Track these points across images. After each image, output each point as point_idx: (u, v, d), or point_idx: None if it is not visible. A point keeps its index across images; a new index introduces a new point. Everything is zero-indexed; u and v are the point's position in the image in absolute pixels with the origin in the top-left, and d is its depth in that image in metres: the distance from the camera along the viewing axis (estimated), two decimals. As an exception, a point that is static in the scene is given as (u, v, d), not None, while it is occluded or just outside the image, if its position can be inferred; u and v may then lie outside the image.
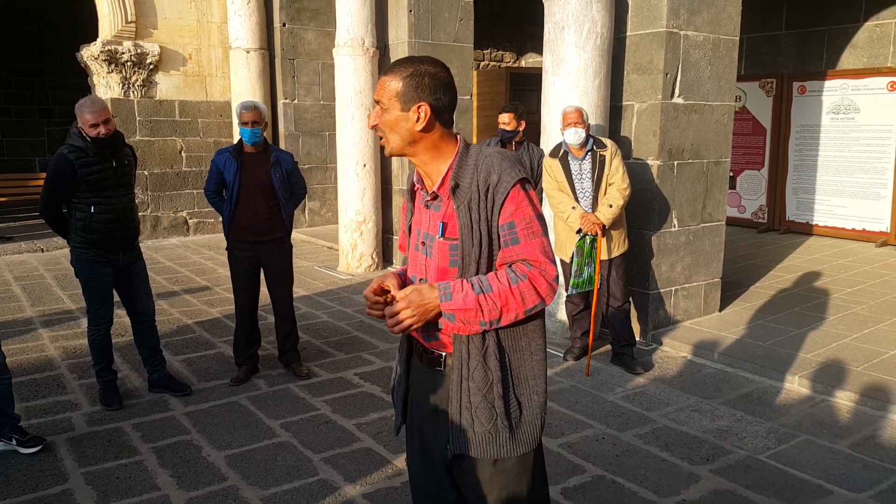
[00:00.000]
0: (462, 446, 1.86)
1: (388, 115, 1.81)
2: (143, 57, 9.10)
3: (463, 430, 1.85)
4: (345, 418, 4.02)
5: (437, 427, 1.94)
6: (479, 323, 1.76)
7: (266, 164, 4.44)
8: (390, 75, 1.81)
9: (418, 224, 1.95)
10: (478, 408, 1.83)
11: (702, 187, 5.49)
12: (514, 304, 1.76)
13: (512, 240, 1.78)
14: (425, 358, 1.95)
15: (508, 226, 1.78)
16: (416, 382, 2.02)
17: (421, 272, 1.92)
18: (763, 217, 9.81)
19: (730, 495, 3.20)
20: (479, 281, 1.77)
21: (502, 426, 1.84)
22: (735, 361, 4.79)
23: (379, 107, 1.83)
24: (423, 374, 1.99)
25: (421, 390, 2.00)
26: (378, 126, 1.84)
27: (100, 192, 3.96)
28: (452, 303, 1.74)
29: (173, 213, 9.78)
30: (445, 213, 1.84)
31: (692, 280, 5.58)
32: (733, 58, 5.47)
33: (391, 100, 1.80)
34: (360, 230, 7.66)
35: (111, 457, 3.58)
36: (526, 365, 1.87)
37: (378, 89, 1.83)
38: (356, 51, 7.39)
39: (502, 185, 1.77)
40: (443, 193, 1.84)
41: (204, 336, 5.51)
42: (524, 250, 1.78)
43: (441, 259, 1.85)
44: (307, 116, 9.98)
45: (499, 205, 1.77)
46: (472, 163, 1.82)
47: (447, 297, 1.75)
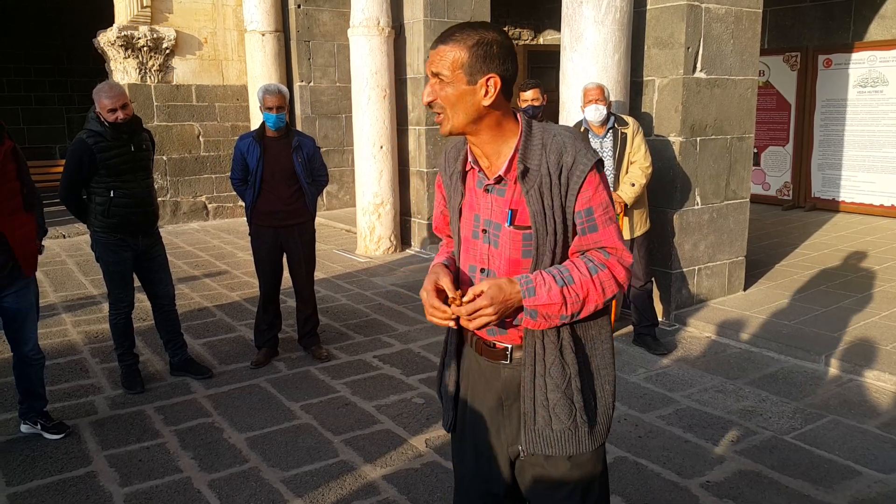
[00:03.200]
0: (538, 446, 1.74)
1: (451, 88, 1.62)
2: (159, 42, 9.09)
3: (538, 428, 1.73)
4: (364, 400, 4.02)
5: (499, 422, 1.82)
6: (560, 317, 1.64)
7: (288, 148, 4.41)
8: (451, 44, 1.61)
9: (474, 209, 1.77)
10: (556, 405, 1.71)
11: (725, 164, 5.38)
12: (595, 296, 1.65)
13: (590, 227, 1.67)
14: (486, 351, 1.81)
15: (586, 212, 1.66)
16: (472, 376, 1.87)
17: (482, 261, 1.76)
18: (788, 194, 9.64)
19: (755, 476, 3.15)
20: (559, 273, 1.64)
21: (581, 421, 1.73)
22: (760, 341, 4.71)
23: (437, 80, 1.64)
24: (481, 368, 1.84)
25: (478, 384, 1.85)
26: (435, 102, 1.65)
27: (119, 177, 3.97)
28: (536, 298, 1.61)
29: (192, 198, 9.82)
30: (512, 199, 1.69)
31: (716, 259, 5.49)
32: (756, 31, 5.33)
33: (455, 72, 1.60)
34: (378, 213, 7.63)
35: (134, 439, 3.61)
36: (598, 355, 1.77)
37: (435, 60, 1.63)
38: (371, 31, 7.32)
39: (578, 168, 1.63)
40: (509, 177, 1.68)
41: (224, 319, 5.53)
42: (602, 237, 1.68)
43: (513, 249, 1.70)
44: (323, 99, 9.94)
45: (575, 190, 1.64)
46: (539, 142, 1.67)
47: (530, 292, 1.61)
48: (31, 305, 3.55)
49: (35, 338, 3.61)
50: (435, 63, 1.63)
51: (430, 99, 1.66)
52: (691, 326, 5.13)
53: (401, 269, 7.08)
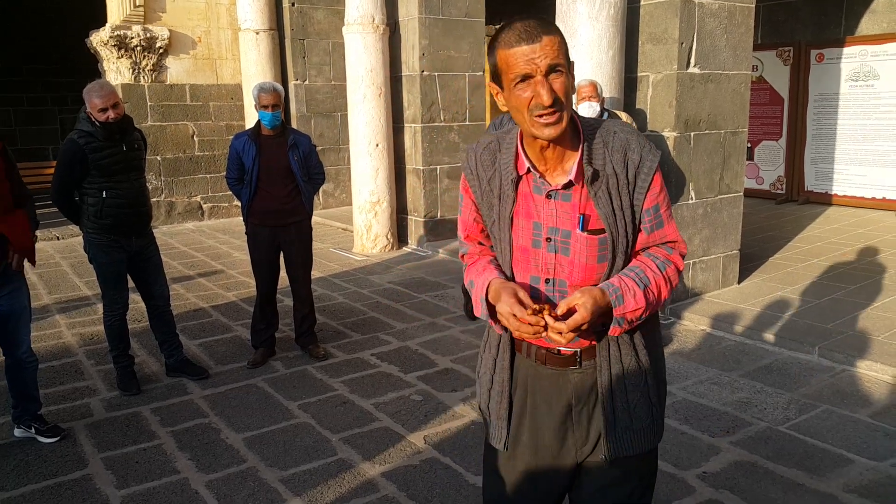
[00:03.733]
0: (621, 448, 1.72)
1: (567, 79, 1.50)
2: (152, 41, 9.06)
3: (619, 431, 1.71)
4: (362, 398, 4.02)
5: (566, 429, 1.75)
6: (640, 319, 1.62)
7: (284, 146, 4.40)
8: (553, 34, 1.49)
9: (532, 216, 1.66)
10: (636, 405, 1.70)
11: (719, 158, 5.40)
12: (666, 291, 1.65)
13: (657, 224, 1.65)
14: (551, 359, 1.72)
15: (654, 209, 1.64)
16: (533, 387, 1.78)
17: (545, 272, 1.67)
18: (781, 188, 9.67)
19: (751, 467, 3.18)
20: (636, 275, 1.61)
21: (656, 415, 1.75)
22: (754, 333, 4.74)
23: (557, 74, 1.49)
24: (542, 378, 1.76)
25: (542, 394, 1.76)
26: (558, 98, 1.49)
27: (111, 177, 3.94)
28: (625, 306, 1.58)
29: (187, 199, 9.80)
30: (580, 203, 1.61)
31: (710, 252, 5.51)
32: (749, 26, 5.35)
33: (566, 61, 1.50)
34: (375, 211, 7.63)
35: (130, 441, 3.60)
36: (657, 345, 1.77)
37: (548, 53, 1.47)
38: (366, 28, 7.31)
39: (646, 166, 1.59)
40: (577, 181, 1.61)
41: (220, 320, 5.53)
42: (668, 232, 1.68)
43: (589, 255, 1.62)
44: (318, 97, 9.93)
45: (644, 187, 1.60)
46: (601, 141, 1.60)
47: (619, 300, 1.57)
48: (24, 307, 3.54)
49: (28, 340, 3.60)
50: (549, 55, 1.48)
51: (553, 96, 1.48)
52: (686, 320, 5.15)
53: (398, 266, 7.09)
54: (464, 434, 3.55)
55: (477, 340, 4.87)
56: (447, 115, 7.67)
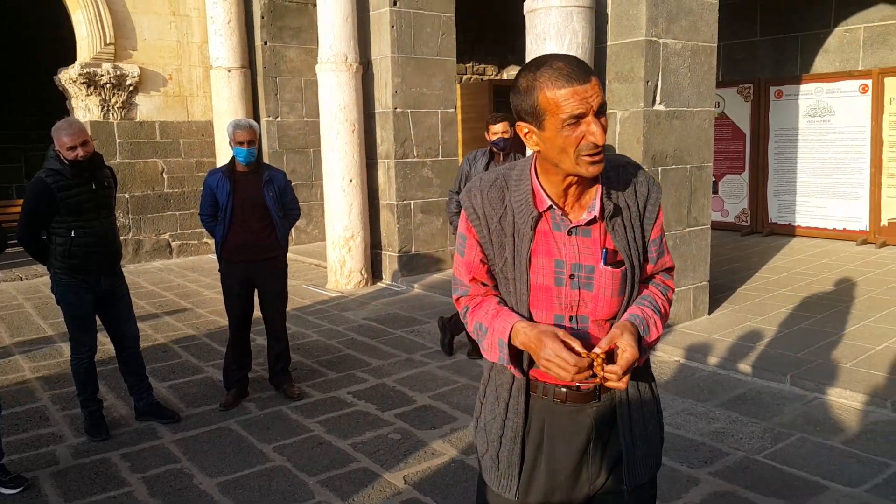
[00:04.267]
0: (639, 476, 1.74)
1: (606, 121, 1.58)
2: (122, 79, 9.03)
3: (636, 461, 1.74)
4: (339, 438, 3.96)
5: (583, 464, 1.74)
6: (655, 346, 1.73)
7: (259, 182, 4.39)
8: (595, 73, 1.55)
9: (553, 254, 1.65)
10: (652, 432, 1.76)
11: (686, 192, 5.52)
12: (667, 317, 1.74)
13: (660, 252, 1.75)
14: (571, 395, 1.70)
15: (659, 239, 1.73)
16: (550, 427, 1.74)
17: (570, 309, 1.66)
18: (746, 220, 9.89)
19: (730, 497, 3.19)
20: (649, 304, 1.69)
21: (662, 437, 1.83)
22: (727, 363, 4.79)
23: (604, 113, 1.56)
24: (560, 415, 1.72)
25: (559, 432, 1.73)
26: None
27: (80, 216, 3.88)
28: (650, 336, 1.64)
29: (156, 236, 9.68)
30: (601, 238, 1.65)
31: (681, 284, 5.59)
32: (712, 64, 5.52)
33: None
34: (349, 246, 7.61)
35: (99, 489, 3.48)
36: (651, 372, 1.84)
37: (599, 91, 1.53)
38: (339, 66, 7.38)
39: (653, 197, 1.68)
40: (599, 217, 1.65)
41: (191, 361, 5.43)
42: (667, 260, 1.78)
43: (613, 289, 1.66)
44: (291, 133, 9.95)
45: (652, 219, 1.68)
46: (613, 175, 1.67)
47: (646, 330, 1.63)
48: None
49: None
50: (599, 94, 1.52)
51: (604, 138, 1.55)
52: (660, 351, 5.20)
53: (373, 302, 7.05)
54: (444, 472, 3.51)
55: (455, 376, 4.85)
56: (420, 151, 7.73)
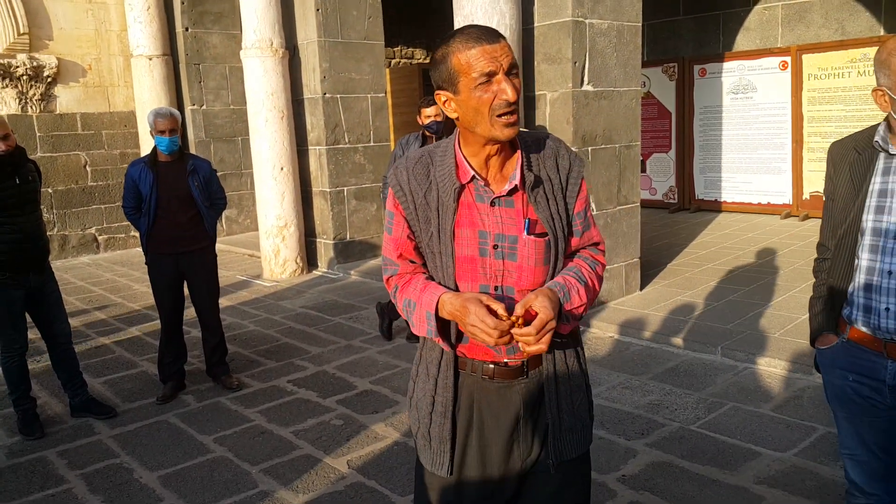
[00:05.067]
0: (566, 451, 1.76)
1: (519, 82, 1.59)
2: (39, 70, 8.63)
3: (563, 434, 1.74)
4: (281, 427, 3.94)
5: (514, 441, 1.76)
6: (580, 317, 1.69)
7: (183, 172, 4.29)
8: (503, 40, 1.57)
9: (476, 225, 1.67)
10: (579, 405, 1.76)
11: (615, 171, 5.65)
12: (595, 291, 1.73)
13: (586, 226, 1.76)
14: (499, 372, 1.72)
15: (582, 213, 1.73)
16: (479, 403, 1.76)
17: (495, 279, 1.68)
18: (674, 197, 10.19)
19: (667, 466, 3.31)
20: (574, 274, 1.69)
21: (592, 414, 1.83)
22: (660, 337, 4.96)
23: (514, 75, 1.57)
24: (489, 392, 1.74)
25: (489, 409, 1.75)
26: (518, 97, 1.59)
27: (4, 212, 3.75)
28: (571, 302, 1.64)
29: (82, 231, 9.33)
30: (523, 209, 1.67)
31: (613, 262, 5.74)
32: (637, 44, 5.65)
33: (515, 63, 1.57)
34: (282, 235, 7.51)
35: (36, 488, 3.40)
36: (582, 348, 1.84)
37: (509, 52, 1.56)
38: (265, 52, 7.23)
39: (574, 170, 1.70)
40: (520, 186, 1.66)
41: (125, 355, 5.28)
42: (594, 234, 1.78)
43: (536, 259, 1.66)
44: (217, 122, 9.70)
45: (575, 191, 1.71)
46: (534, 147, 1.69)
47: (566, 297, 1.63)
48: None
49: None
50: (509, 55, 1.56)
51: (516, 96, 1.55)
52: (594, 327, 5.34)
53: (309, 290, 6.99)
54: (388, 455, 3.54)
55: (395, 360, 4.87)
56: (352, 137, 7.67)
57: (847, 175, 1.98)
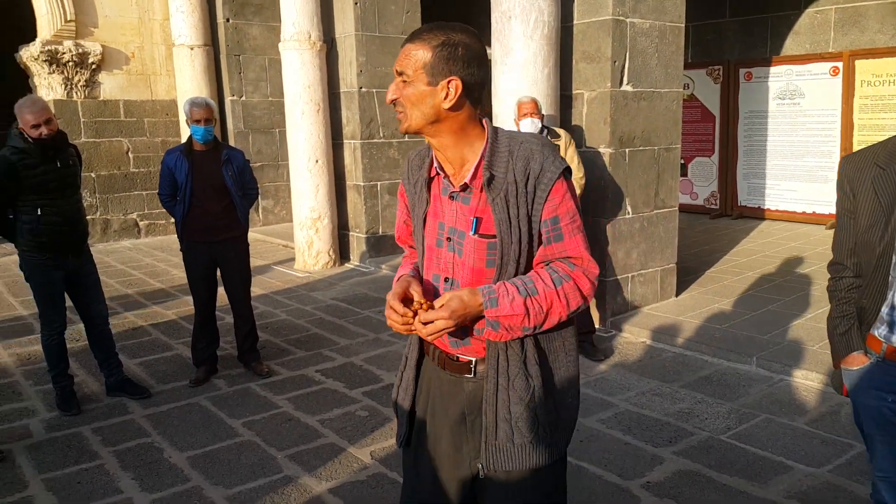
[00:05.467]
0: (498, 462, 1.70)
1: (412, 88, 1.59)
2: (84, 56, 8.84)
3: (499, 444, 1.69)
4: (307, 415, 3.98)
5: (462, 437, 1.77)
6: (522, 329, 1.61)
7: (218, 162, 4.35)
8: (417, 43, 1.59)
9: (439, 216, 1.73)
10: (519, 419, 1.67)
11: (654, 174, 5.57)
12: (559, 308, 1.62)
13: (556, 236, 1.64)
14: (449, 364, 1.76)
15: (552, 221, 1.63)
16: (433, 390, 1.82)
17: (446, 270, 1.73)
18: (715, 203, 10.01)
19: (694, 475, 3.25)
20: (523, 283, 1.62)
21: (543, 434, 1.70)
22: (694, 345, 4.87)
23: (400, 79, 1.61)
24: (442, 382, 1.79)
25: (440, 399, 1.80)
26: (398, 100, 1.63)
27: (46, 195, 3.85)
28: (498, 309, 1.59)
29: (123, 216, 9.54)
30: (477, 207, 1.66)
31: (648, 266, 5.66)
32: (680, 45, 5.56)
33: (417, 71, 1.58)
34: (316, 227, 7.57)
35: (71, 462, 3.50)
36: (562, 367, 1.74)
37: (401, 58, 1.61)
38: (303, 45, 7.29)
39: (546, 176, 1.60)
40: (474, 184, 1.66)
41: (160, 338, 5.39)
42: (568, 247, 1.65)
43: (477, 258, 1.67)
44: (256, 113, 9.82)
45: (542, 198, 1.61)
46: (506, 150, 1.64)
47: (493, 303, 1.59)
48: None
49: None
50: (400, 61, 1.61)
51: (392, 97, 1.64)
52: (627, 332, 5.27)
53: (340, 283, 7.04)
54: (411, 448, 3.55)
55: (423, 355, 4.87)
56: (386, 132, 7.69)
57: (871, 192, 1.90)
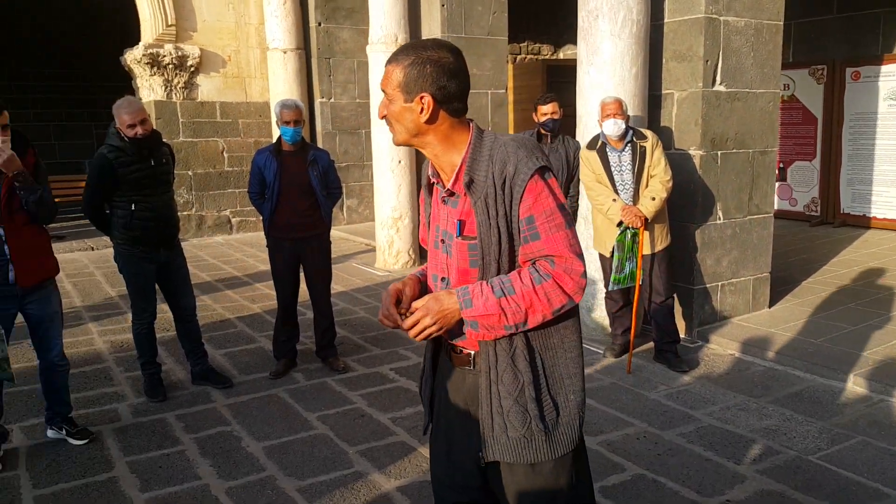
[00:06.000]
0: (496, 453, 1.76)
1: (394, 105, 1.70)
2: (183, 59, 9.27)
3: (495, 436, 1.75)
4: (380, 412, 4.01)
5: (468, 428, 1.84)
6: (503, 327, 1.65)
7: (304, 162, 4.46)
8: (393, 64, 1.70)
9: (436, 220, 1.83)
10: (510, 412, 1.73)
11: (747, 178, 5.32)
12: (540, 306, 1.65)
13: (532, 235, 1.66)
14: (454, 357, 1.85)
15: (527, 220, 1.66)
16: (445, 380, 1.92)
17: (442, 271, 1.82)
18: (816, 210, 9.48)
19: (778, 497, 3.08)
20: (500, 283, 1.66)
21: (537, 429, 1.73)
22: (785, 359, 4.62)
23: (386, 98, 1.73)
24: (451, 372, 1.89)
25: (449, 389, 1.90)
26: (386, 117, 1.75)
27: (139, 191, 4.03)
28: (473, 309, 1.64)
29: (217, 212, 9.95)
30: (462, 210, 1.73)
31: (739, 275, 5.41)
32: (778, 43, 5.28)
33: (395, 90, 1.69)
34: (397, 227, 7.65)
35: (154, 446, 3.66)
36: (560, 364, 1.77)
37: (383, 79, 1.73)
38: (389, 47, 7.38)
39: (519, 177, 1.64)
40: (458, 189, 1.73)
41: (245, 331, 5.58)
42: (546, 245, 1.66)
43: (461, 259, 1.74)
44: (343, 115, 10.04)
45: (517, 198, 1.65)
46: (487, 154, 1.70)
47: (467, 303, 1.65)
48: (55, 313, 3.61)
49: (60, 345, 3.67)
50: (382, 81, 1.73)
51: (381, 114, 1.76)
52: (714, 343, 5.05)
53: (421, 283, 7.07)
54: (482, 451, 3.51)
55: (498, 358, 4.83)
56: (469, 134, 7.67)
57: None
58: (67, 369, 3.75)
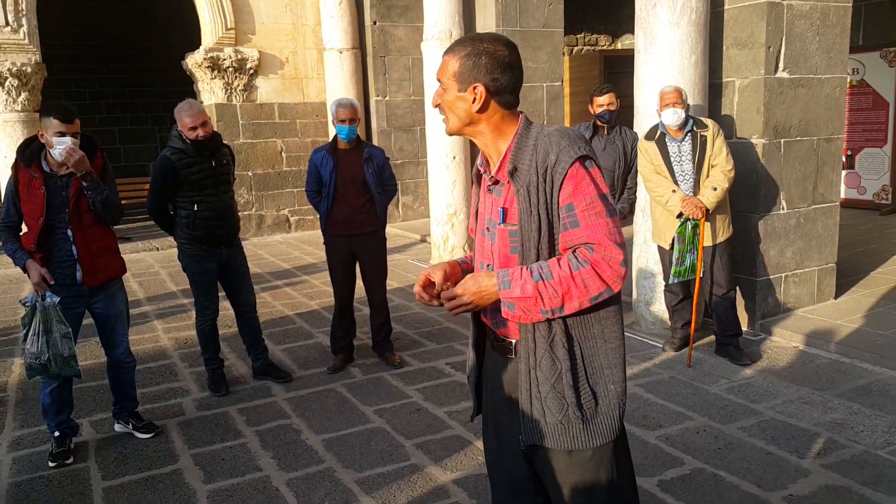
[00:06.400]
0: (535, 437, 1.80)
1: (448, 95, 1.78)
2: (243, 62, 9.48)
3: (534, 420, 1.79)
4: (436, 406, 4.04)
5: (511, 415, 1.88)
6: (539, 311, 1.68)
7: (359, 159, 4.52)
8: (450, 54, 1.77)
9: (483, 208, 1.89)
10: (547, 398, 1.76)
11: (812, 166, 5.14)
12: (577, 293, 1.66)
13: (571, 223, 1.68)
14: (496, 345, 1.91)
15: (567, 208, 1.68)
16: (489, 369, 1.98)
17: (487, 258, 1.87)
18: (886, 198, 9.09)
19: (844, 492, 2.98)
20: (539, 268, 1.68)
21: (574, 417, 1.75)
22: (852, 351, 4.46)
23: (440, 87, 1.80)
24: (495, 361, 1.94)
25: (494, 377, 1.95)
26: (440, 105, 1.81)
27: (201, 191, 4.14)
28: (510, 291, 1.68)
29: (276, 212, 10.16)
30: (506, 198, 1.78)
31: (804, 266, 5.24)
32: (845, 26, 5.09)
33: (450, 80, 1.76)
34: (452, 223, 7.68)
35: (218, 439, 3.77)
36: (600, 353, 1.77)
37: (440, 68, 1.80)
38: (444, 43, 7.39)
39: (560, 165, 1.67)
40: (502, 177, 1.78)
41: (304, 327, 5.69)
42: (585, 233, 1.67)
43: (502, 246, 1.79)
44: (398, 112, 10.11)
45: (557, 186, 1.68)
46: (532, 143, 1.74)
47: (505, 284, 1.69)
48: (121, 311, 3.74)
49: (126, 342, 3.81)
50: (439, 71, 1.80)
51: (435, 103, 1.83)
52: (777, 336, 4.91)
53: (476, 278, 7.08)
54: (538, 445, 3.51)
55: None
56: (526, 128, 7.63)
57: None
58: (134, 365, 3.89)
